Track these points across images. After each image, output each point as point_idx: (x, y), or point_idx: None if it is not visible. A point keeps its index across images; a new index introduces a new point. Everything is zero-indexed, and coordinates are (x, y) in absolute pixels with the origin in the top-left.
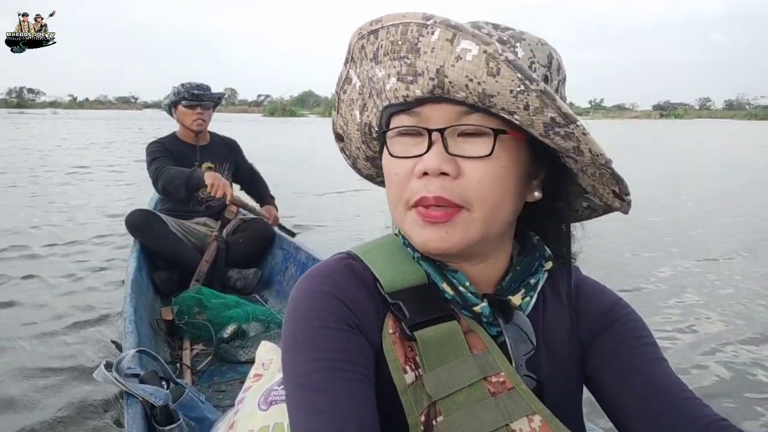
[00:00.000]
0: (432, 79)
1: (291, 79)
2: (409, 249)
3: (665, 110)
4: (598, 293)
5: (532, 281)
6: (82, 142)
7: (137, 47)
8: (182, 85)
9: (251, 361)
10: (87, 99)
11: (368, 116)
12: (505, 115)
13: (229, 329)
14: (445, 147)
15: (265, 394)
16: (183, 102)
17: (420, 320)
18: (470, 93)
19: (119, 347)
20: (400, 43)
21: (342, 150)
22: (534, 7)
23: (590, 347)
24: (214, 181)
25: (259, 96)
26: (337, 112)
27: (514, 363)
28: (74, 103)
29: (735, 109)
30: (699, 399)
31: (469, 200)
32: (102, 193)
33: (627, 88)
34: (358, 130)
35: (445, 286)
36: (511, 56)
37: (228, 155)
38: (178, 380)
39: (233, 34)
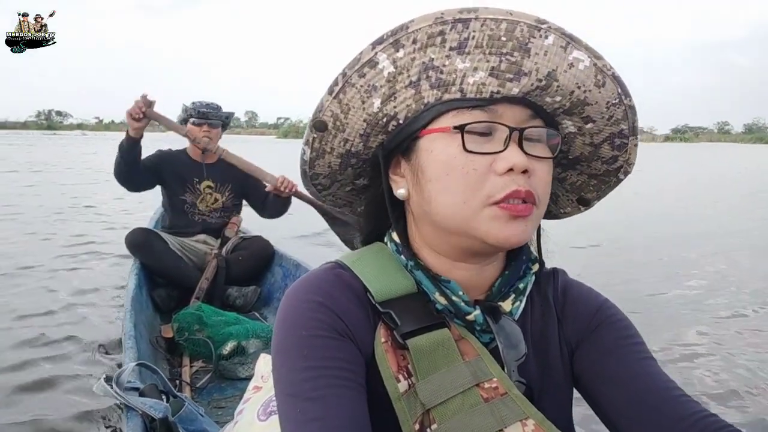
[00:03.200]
0: (540, 80)
1: (312, 101)
2: (402, 257)
3: (682, 133)
4: (584, 295)
5: (521, 285)
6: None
7: (162, 71)
8: (192, 103)
9: (250, 378)
10: (113, 121)
11: (395, 107)
12: (574, 123)
13: (229, 346)
14: (521, 146)
15: (264, 405)
16: (191, 119)
17: (411, 329)
18: (570, 99)
19: (119, 364)
20: (503, 39)
21: (311, 141)
22: None
23: (578, 349)
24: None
25: (278, 119)
26: (334, 97)
27: (506, 369)
28: (100, 125)
29: (753, 133)
30: (688, 396)
31: (539, 198)
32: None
33: (646, 111)
34: (365, 120)
35: (437, 296)
36: (617, 72)
37: (234, 177)
38: (178, 394)
39: (257, 58)
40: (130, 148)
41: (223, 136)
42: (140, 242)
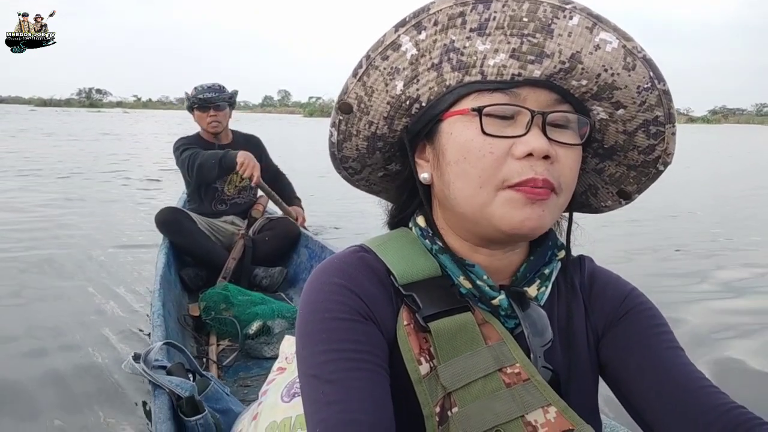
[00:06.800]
0: (563, 63)
1: (343, 82)
2: (427, 241)
3: (715, 114)
4: (612, 283)
5: (546, 271)
6: None
7: (196, 50)
8: (195, 89)
9: (276, 357)
10: (150, 99)
11: (417, 90)
12: (604, 108)
13: (255, 326)
14: (544, 131)
15: (288, 387)
16: (196, 107)
17: (434, 312)
18: (596, 83)
19: (149, 339)
20: (525, 19)
21: (337, 123)
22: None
23: (605, 337)
24: (245, 159)
25: (310, 98)
26: (358, 79)
27: (532, 354)
28: (139, 103)
29: None
30: (716, 387)
31: (560, 186)
32: None
33: (686, 92)
34: (388, 103)
35: (462, 279)
36: (648, 54)
37: (251, 152)
38: (204, 373)
39: (291, 37)
40: (227, 167)
41: (253, 114)
42: (170, 221)
